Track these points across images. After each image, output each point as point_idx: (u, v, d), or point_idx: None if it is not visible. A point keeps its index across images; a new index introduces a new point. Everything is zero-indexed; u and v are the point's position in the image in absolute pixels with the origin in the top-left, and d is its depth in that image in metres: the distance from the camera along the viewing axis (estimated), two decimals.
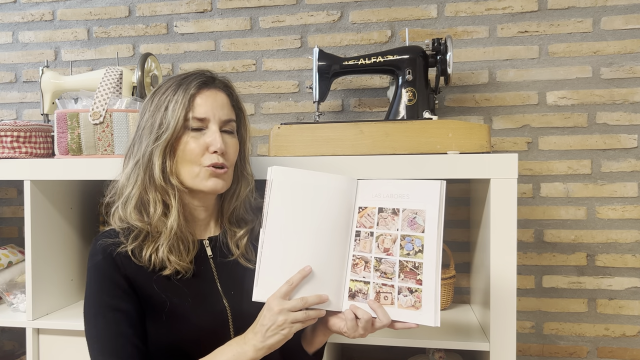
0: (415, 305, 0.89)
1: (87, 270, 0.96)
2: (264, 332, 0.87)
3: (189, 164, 0.96)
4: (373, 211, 0.95)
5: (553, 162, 1.53)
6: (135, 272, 0.94)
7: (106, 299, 0.93)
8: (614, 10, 1.49)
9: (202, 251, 1.02)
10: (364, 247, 0.94)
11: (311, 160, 1.21)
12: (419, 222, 0.91)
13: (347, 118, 1.64)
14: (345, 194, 0.95)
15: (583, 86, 1.52)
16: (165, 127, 0.94)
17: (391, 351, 1.54)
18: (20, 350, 1.76)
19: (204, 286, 0.99)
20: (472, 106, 1.57)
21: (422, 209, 0.91)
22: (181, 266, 0.95)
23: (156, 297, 0.94)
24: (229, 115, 1.00)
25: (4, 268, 1.48)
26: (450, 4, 1.57)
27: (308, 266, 0.91)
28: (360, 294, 0.92)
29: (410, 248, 0.91)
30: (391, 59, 1.37)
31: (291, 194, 0.92)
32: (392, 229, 0.93)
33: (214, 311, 0.97)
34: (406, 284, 0.90)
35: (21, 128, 1.38)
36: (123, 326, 0.91)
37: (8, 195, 1.84)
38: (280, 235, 0.92)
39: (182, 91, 0.96)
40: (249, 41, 1.68)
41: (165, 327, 0.94)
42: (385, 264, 0.92)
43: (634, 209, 1.50)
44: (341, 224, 0.94)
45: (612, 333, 1.52)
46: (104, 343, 0.91)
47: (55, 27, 1.79)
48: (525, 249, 1.55)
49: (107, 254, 0.94)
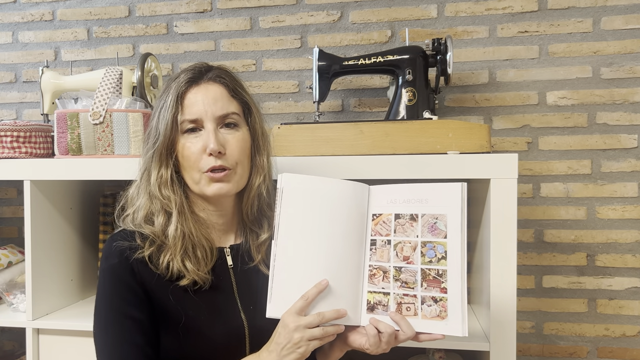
0: (440, 315, 0.84)
1: (100, 271, 0.92)
2: (279, 350, 0.82)
3: (190, 170, 0.91)
4: (389, 218, 0.90)
5: (553, 162, 1.53)
6: (151, 281, 0.89)
7: (120, 305, 0.88)
8: (614, 10, 1.49)
9: (222, 260, 0.96)
10: (381, 256, 0.89)
11: (311, 160, 1.21)
12: (440, 227, 0.87)
13: (347, 118, 1.64)
14: (358, 201, 0.91)
15: (583, 86, 1.52)
16: (157, 133, 0.90)
17: (391, 351, 1.53)
18: (20, 350, 1.76)
19: (221, 300, 0.93)
20: (472, 106, 1.57)
21: (444, 214, 0.87)
22: (199, 276, 0.90)
23: (172, 309, 0.89)
24: (226, 108, 0.91)
25: (4, 268, 1.48)
26: (450, 4, 1.57)
27: (325, 280, 0.85)
28: (380, 306, 0.88)
29: (432, 255, 0.87)
30: (391, 59, 1.37)
31: (303, 202, 0.88)
32: (412, 236, 0.88)
33: (230, 327, 0.92)
34: (430, 293, 0.85)
35: (21, 128, 1.38)
36: (135, 334, 0.87)
37: (8, 195, 1.84)
38: (293, 246, 0.87)
39: (172, 92, 0.90)
40: (249, 41, 1.68)
41: (179, 340, 0.90)
42: (405, 273, 0.87)
43: (634, 209, 1.50)
44: (355, 233, 0.90)
45: (612, 333, 1.52)
46: (114, 351, 0.87)
47: (55, 27, 1.79)
48: (525, 249, 1.55)
49: (123, 258, 0.89)
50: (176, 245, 0.89)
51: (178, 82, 0.91)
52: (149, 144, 0.92)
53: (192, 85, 0.91)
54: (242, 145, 0.93)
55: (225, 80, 0.94)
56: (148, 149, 0.92)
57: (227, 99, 0.93)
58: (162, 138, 0.90)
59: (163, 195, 0.91)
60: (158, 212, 0.91)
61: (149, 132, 0.94)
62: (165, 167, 0.91)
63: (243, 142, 0.93)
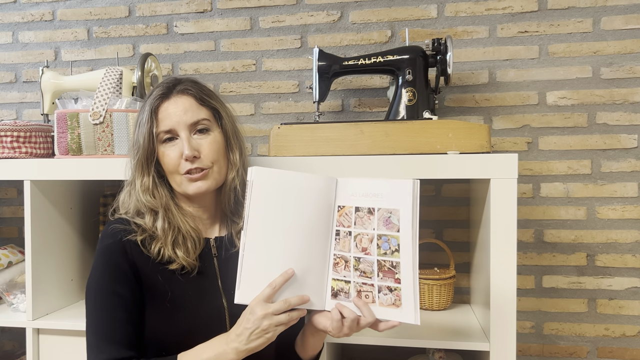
0: (395, 303, 0.90)
1: (95, 252, 1.00)
2: (248, 335, 0.88)
3: (171, 175, 1.01)
4: (350, 210, 0.95)
5: (553, 162, 1.53)
6: (142, 260, 0.98)
7: (108, 283, 0.96)
8: (614, 10, 1.49)
9: (208, 249, 1.04)
10: (343, 246, 0.94)
11: (311, 160, 1.21)
12: (393, 221, 0.91)
13: (347, 118, 1.64)
14: (325, 193, 0.96)
15: (583, 86, 1.52)
16: (137, 146, 1.01)
17: (391, 351, 1.54)
18: (20, 350, 1.76)
19: (205, 283, 1.01)
20: (472, 106, 1.57)
21: (397, 208, 0.91)
22: (187, 262, 0.99)
23: (159, 287, 0.97)
24: (196, 116, 1.00)
25: (4, 268, 1.48)
26: (450, 4, 1.57)
27: (291, 269, 0.91)
28: (342, 293, 0.93)
29: (387, 247, 0.91)
30: (391, 59, 1.37)
31: (271, 195, 0.93)
32: (369, 229, 0.93)
33: (212, 307, 0.99)
34: (385, 282, 0.91)
35: (21, 128, 1.38)
36: (120, 311, 0.95)
37: (8, 195, 1.84)
38: (261, 236, 0.92)
39: (147, 108, 1.01)
40: (249, 41, 1.68)
41: (164, 316, 0.97)
42: (364, 263, 0.92)
43: (634, 209, 1.50)
44: (322, 224, 0.95)
45: (612, 333, 1.52)
46: (99, 324, 0.94)
47: (55, 27, 1.79)
48: (525, 249, 1.55)
49: (117, 239, 0.98)
50: (166, 236, 0.99)
51: (152, 98, 1.02)
52: (132, 154, 1.04)
53: (163, 99, 1.01)
54: (216, 147, 1.02)
55: (192, 92, 1.03)
56: (132, 159, 1.04)
57: (195, 107, 1.02)
58: (141, 150, 1.00)
59: (146, 200, 1.01)
60: (146, 212, 1.02)
61: (132, 144, 1.04)
62: (147, 174, 1.01)
63: (216, 144, 1.02)
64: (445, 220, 1.59)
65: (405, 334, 1.24)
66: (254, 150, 1.69)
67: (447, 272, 1.46)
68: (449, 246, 1.50)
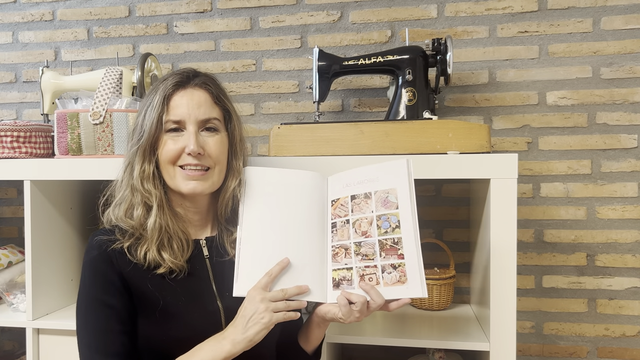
0: (401, 279, 0.90)
1: (82, 265, 0.97)
2: (245, 323, 0.87)
3: (166, 165, 0.96)
4: (346, 200, 0.98)
5: (553, 162, 1.53)
6: (129, 270, 0.94)
7: (98, 295, 0.94)
8: (614, 10, 1.49)
9: (199, 251, 1.01)
10: (341, 235, 0.96)
11: (311, 160, 1.21)
12: (392, 200, 0.94)
13: (347, 118, 1.64)
14: (315, 189, 0.99)
15: (583, 86, 1.52)
16: (142, 130, 0.96)
17: (391, 351, 1.54)
18: (20, 350, 1.76)
19: (198, 285, 0.98)
20: (472, 106, 1.57)
21: (394, 187, 0.94)
22: (175, 265, 0.95)
23: (149, 295, 0.94)
24: (208, 113, 0.97)
25: (4, 268, 1.48)
26: (450, 4, 1.57)
27: (286, 258, 0.93)
28: (345, 281, 0.94)
29: (387, 226, 0.93)
30: (391, 59, 1.37)
31: (265, 192, 0.98)
32: (367, 212, 0.95)
33: (206, 311, 0.96)
34: (388, 261, 0.91)
35: (21, 128, 1.38)
36: (112, 322, 0.93)
37: (8, 195, 1.84)
38: (256, 231, 0.95)
39: (159, 93, 0.96)
40: (249, 41, 1.68)
41: (157, 325, 0.94)
42: (365, 247, 0.93)
43: (634, 209, 1.50)
44: (316, 218, 0.98)
45: (612, 333, 1.52)
46: (92, 337, 0.93)
47: (55, 27, 1.79)
48: (525, 249, 1.55)
49: (102, 250, 0.95)
50: (153, 237, 0.95)
51: (165, 84, 0.97)
52: (133, 140, 0.98)
53: (178, 88, 0.97)
54: (220, 148, 0.99)
55: (210, 87, 1.00)
56: (132, 145, 0.98)
57: (210, 104, 0.99)
58: (146, 135, 0.95)
59: (145, 188, 0.96)
60: (138, 205, 0.96)
61: (134, 129, 0.99)
62: (148, 162, 0.96)
63: (221, 145, 0.99)
64: (445, 220, 1.59)
65: (405, 334, 1.24)
66: (254, 150, 1.68)
67: (447, 272, 1.46)
68: (449, 246, 1.50)
